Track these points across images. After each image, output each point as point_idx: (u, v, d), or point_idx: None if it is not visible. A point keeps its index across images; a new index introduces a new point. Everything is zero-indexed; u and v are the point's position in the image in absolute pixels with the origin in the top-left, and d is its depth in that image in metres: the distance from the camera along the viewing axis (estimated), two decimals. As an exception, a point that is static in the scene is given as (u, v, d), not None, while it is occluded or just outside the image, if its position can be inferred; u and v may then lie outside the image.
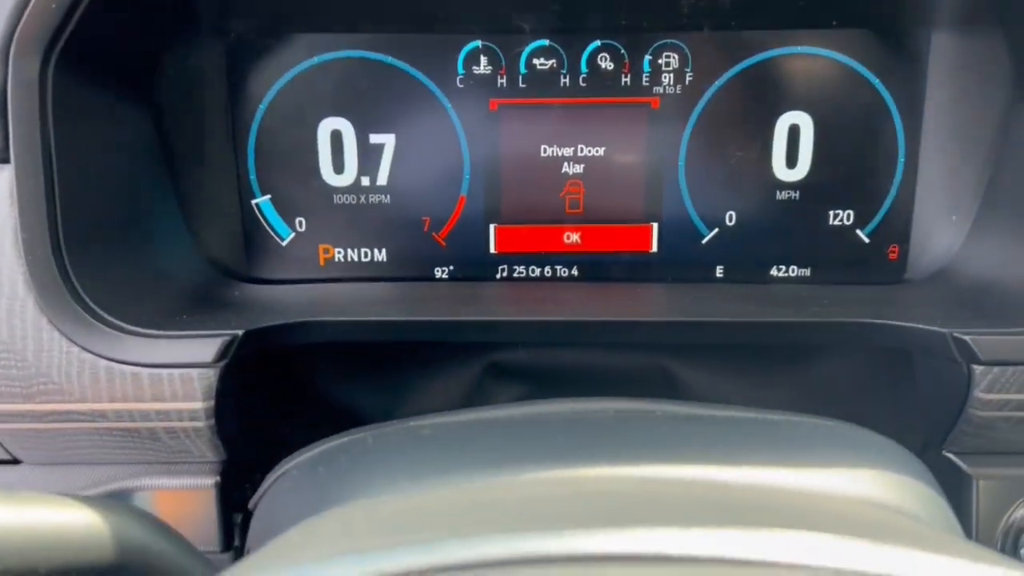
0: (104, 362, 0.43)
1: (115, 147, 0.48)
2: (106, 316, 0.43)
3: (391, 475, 0.34)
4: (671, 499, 0.29)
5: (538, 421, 0.38)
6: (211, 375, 0.43)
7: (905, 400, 0.51)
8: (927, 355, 0.48)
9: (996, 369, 0.43)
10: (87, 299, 0.43)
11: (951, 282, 0.53)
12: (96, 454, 0.45)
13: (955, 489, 0.46)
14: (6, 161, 0.42)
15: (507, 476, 0.33)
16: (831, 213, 0.57)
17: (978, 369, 0.43)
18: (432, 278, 0.58)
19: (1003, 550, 0.46)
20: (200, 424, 0.44)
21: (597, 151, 0.56)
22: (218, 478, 0.46)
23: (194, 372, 0.43)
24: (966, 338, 0.43)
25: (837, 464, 0.35)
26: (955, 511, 0.40)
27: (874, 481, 0.35)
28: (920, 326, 0.46)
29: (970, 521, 0.46)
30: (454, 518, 0.27)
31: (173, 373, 0.43)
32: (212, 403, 0.43)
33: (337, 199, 0.57)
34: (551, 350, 0.58)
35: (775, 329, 0.50)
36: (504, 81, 0.55)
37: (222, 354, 0.43)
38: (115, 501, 0.35)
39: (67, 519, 0.33)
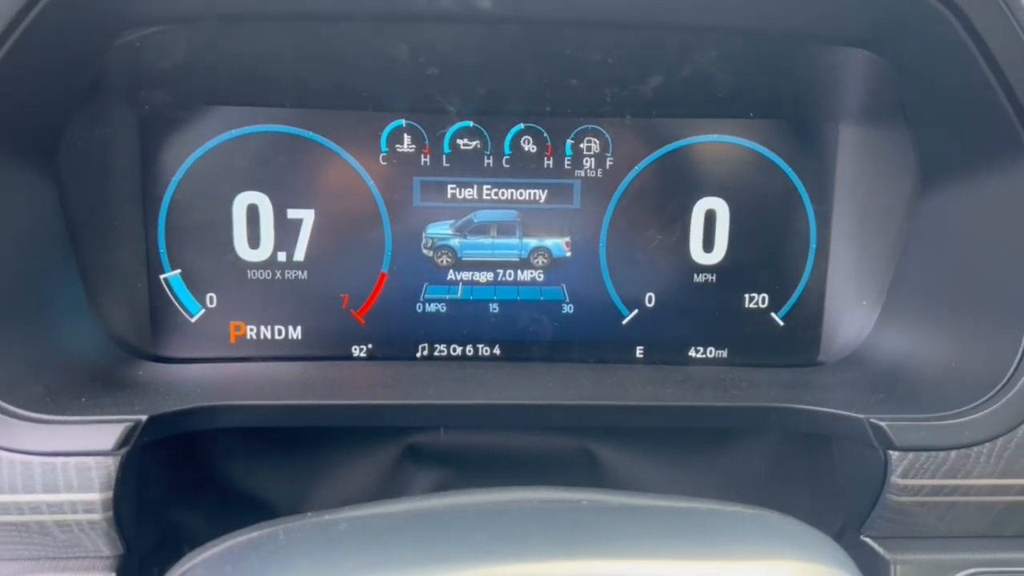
0: (-8, 451, 0.40)
1: (15, 219, 0.45)
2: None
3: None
4: None
5: (460, 513, 0.37)
6: (110, 463, 0.40)
7: (824, 484, 0.52)
8: (845, 440, 0.49)
9: (911, 455, 0.44)
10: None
11: (863, 365, 0.54)
12: (-22, 550, 0.41)
13: (873, 574, 0.47)
14: None
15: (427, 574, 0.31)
16: (747, 296, 0.58)
17: (894, 455, 0.44)
18: (349, 357, 0.57)
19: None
20: (96, 516, 0.41)
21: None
22: (114, 574, 0.43)
23: (91, 460, 0.40)
24: (882, 424, 0.44)
25: (760, 553, 0.35)
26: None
27: (796, 570, 0.34)
28: (838, 411, 0.47)
29: (889, 606, 0.46)
30: None
31: (68, 462, 0.40)
32: (110, 494, 0.40)
33: (251, 274, 0.55)
34: (471, 433, 0.57)
35: (695, 412, 0.50)
36: (428, 160, 0.55)
37: (123, 441, 0.41)
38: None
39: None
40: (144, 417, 0.42)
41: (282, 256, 0.55)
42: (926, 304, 0.51)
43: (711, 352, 0.59)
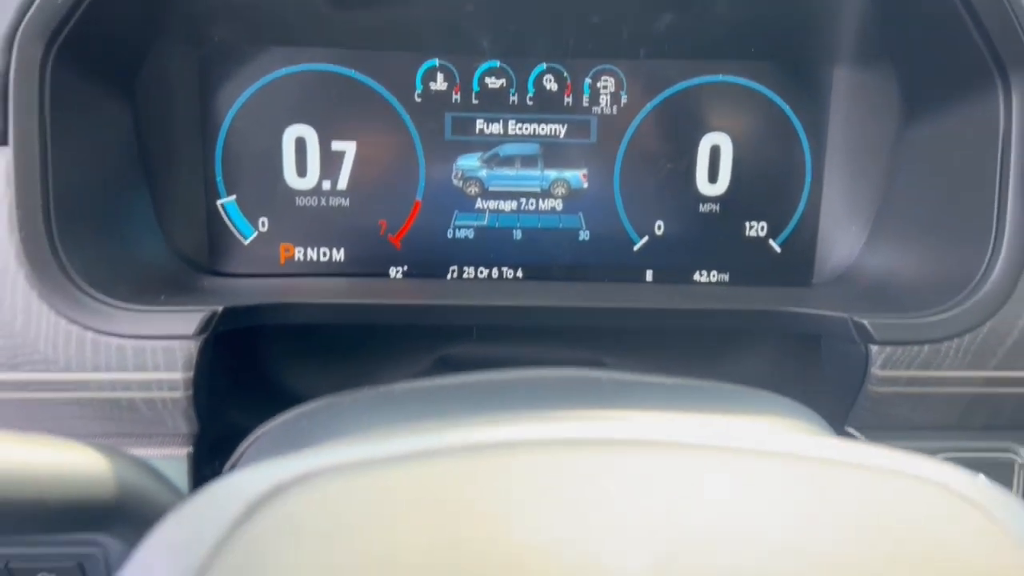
0: (91, 334, 0.46)
1: (101, 139, 0.51)
2: (93, 291, 0.46)
3: (373, 423, 0.38)
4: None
5: (493, 383, 0.43)
6: (191, 347, 0.46)
7: (812, 384, 0.58)
8: (831, 340, 0.54)
9: (889, 348, 0.50)
10: (75, 275, 0.46)
11: (852, 283, 0.60)
12: (72, 426, 0.47)
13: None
14: (4, 144, 0.45)
15: (472, 414, 0.37)
16: (747, 224, 0.64)
17: (874, 348, 0.50)
18: (387, 277, 0.63)
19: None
20: (178, 394, 0.47)
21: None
22: (191, 449, 0.49)
23: (176, 344, 0.46)
24: (864, 321, 0.50)
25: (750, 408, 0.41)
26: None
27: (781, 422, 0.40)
28: (825, 312, 0.53)
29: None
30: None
31: (156, 345, 0.46)
32: (191, 374, 0.47)
33: (299, 201, 0.61)
34: (497, 347, 0.63)
35: (697, 316, 0.56)
36: (458, 97, 0.61)
37: (203, 328, 0.47)
38: (110, 447, 0.38)
39: (70, 458, 0.36)
40: (220, 308, 0.48)
41: (327, 184, 0.61)
42: (908, 226, 0.57)
43: (714, 276, 0.64)
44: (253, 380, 0.60)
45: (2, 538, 0.40)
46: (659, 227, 0.64)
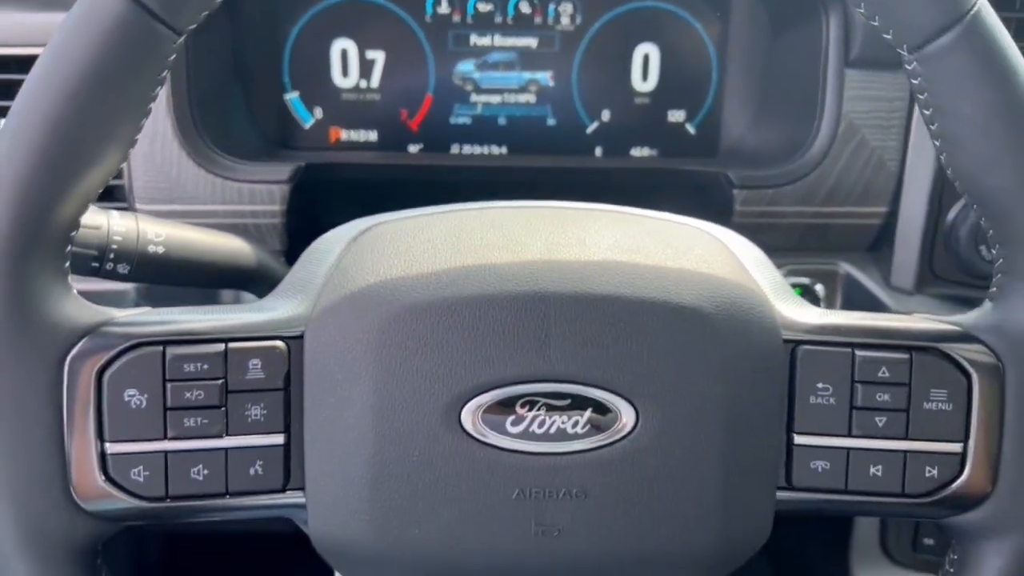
0: (221, 180, 0.70)
1: (215, 49, 0.75)
2: (220, 152, 0.71)
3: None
4: None
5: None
6: (285, 189, 0.71)
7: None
8: (711, 188, 0.79)
9: (746, 191, 0.74)
10: (208, 141, 0.71)
11: (739, 151, 0.84)
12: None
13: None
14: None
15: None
16: (670, 112, 0.87)
17: (735, 191, 0.74)
18: (407, 152, 0.87)
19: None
20: (276, 221, 0.72)
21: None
22: (283, 258, 0.74)
23: (275, 187, 0.71)
24: (729, 173, 0.74)
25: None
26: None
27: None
28: (708, 169, 0.77)
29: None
30: None
31: (262, 187, 0.71)
32: (285, 207, 0.71)
33: (343, 96, 0.85)
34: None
35: (627, 172, 0.80)
36: (458, 18, 0.84)
37: (292, 176, 0.72)
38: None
39: (232, 242, 0.61)
40: (303, 163, 0.73)
41: (363, 83, 0.85)
42: (771, 110, 0.81)
43: (646, 151, 0.88)
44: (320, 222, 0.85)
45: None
46: (605, 115, 0.87)
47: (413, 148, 0.87)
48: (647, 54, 0.85)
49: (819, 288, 0.77)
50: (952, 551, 0.50)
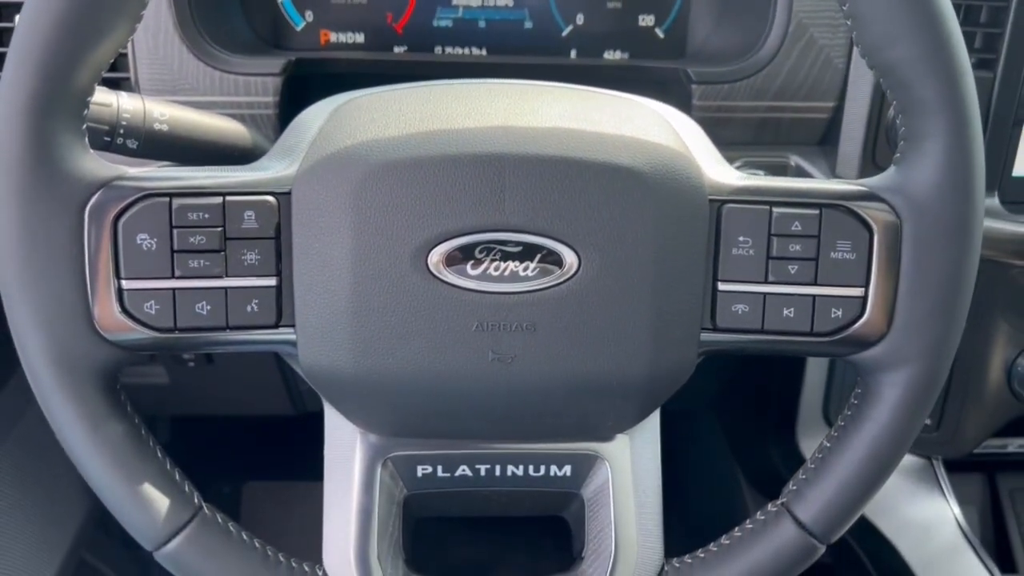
0: (219, 72, 0.76)
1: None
2: (218, 47, 0.77)
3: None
4: None
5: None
6: (278, 82, 0.77)
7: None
8: (675, 83, 0.85)
9: (703, 87, 0.80)
10: (207, 36, 0.77)
11: (701, 52, 0.90)
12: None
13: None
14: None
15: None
16: (640, 17, 0.92)
17: (694, 87, 0.80)
18: (392, 52, 0.93)
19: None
20: (270, 112, 0.78)
21: (497, -28, 0.91)
22: None
23: (269, 79, 0.77)
24: (688, 69, 0.80)
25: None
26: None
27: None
28: (669, 65, 0.83)
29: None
30: None
31: (257, 79, 0.77)
32: (277, 98, 0.78)
33: (332, 0, 0.91)
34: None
35: (601, 69, 0.86)
36: (440, -75, 0.89)
37: (284, 69, 0.78)
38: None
39: (230, 123, 0.68)
40: (294, 56, 0.79)
41: (352, -11, 0.90)
42: (730, 14, 0.86)
43: (618, 54, 0.94)
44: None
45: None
46: (579, 19, 0.92)
47: (398, 49, 0.93)
48: None
49: (772, 179, 0.83)
50: (857, 386, 0.58)
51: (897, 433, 0.55)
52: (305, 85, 0.82)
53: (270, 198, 0.52)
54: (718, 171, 0.55)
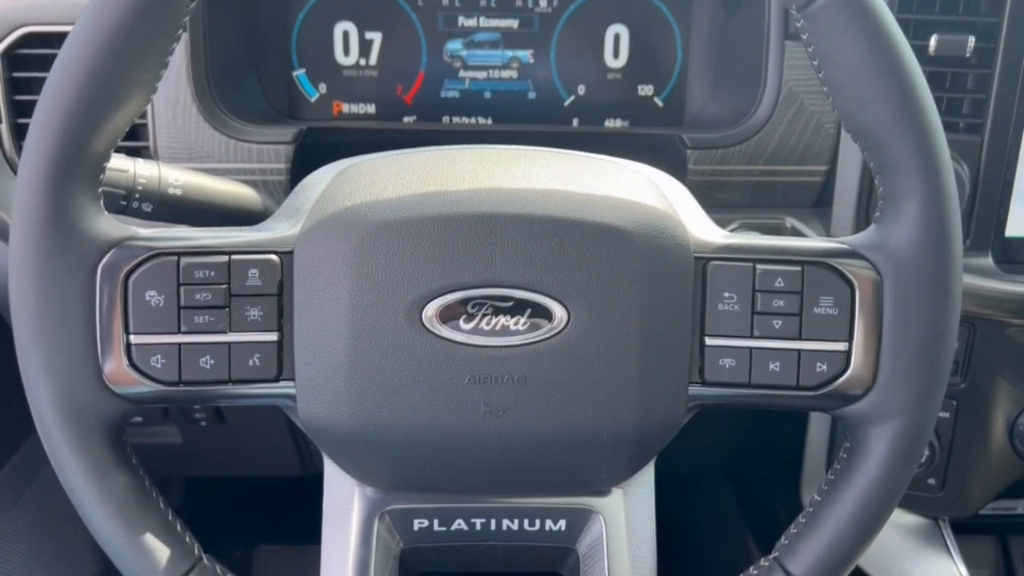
0: (233, 141, 0.80)
1: (229, 29, 0.85)
2: (233, 117, 0.81)
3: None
4: None
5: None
6: (290, 149, 0.81)
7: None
8: (671, 150, 0.87)
9: (698, 152, 0.83)
10: (222, 107, 0.81)
11: (699, 119, 0.93)
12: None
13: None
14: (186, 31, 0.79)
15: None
16: (639, 87, 0.96)
17: (689, 152, 0.83)
18: (402, 122, 0.97)
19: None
20: (282, 178, 0.81)
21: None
22: None
23: (281, 147, 0.81)
24: (684, 136, 0.83)
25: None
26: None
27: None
28: (665, 132, 0.86)
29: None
30: None
31: (270, 147, 0.81)
32: (289, 165, 0.81)
33: (345, 72, 0.95)
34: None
35: (602, 136, 0.89)
36: (448, 2, 0.93)
37: (295, 137, 0.81)
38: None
39: (243, 189, 0.71)
40: (306, 126, 0.82)
41: (363, 61, 0.94)
42: (726, 81, 0.89)
43: (618, 123, 0.97)
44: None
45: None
46: (581, 89, 0.96)
47: (408, 119, 0.96)
48: (617, 34, 0.94)
49: (769, 242, 0.85)
50: (846, 440, 0.58)
51: (886, 486, 0.56)
52: (316, 152, 0.85)
53: (273, 257, 0.54)
54: (703, 230, 0.57)
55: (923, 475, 0.86)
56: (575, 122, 0.97)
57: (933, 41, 0.78)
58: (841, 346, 0.55)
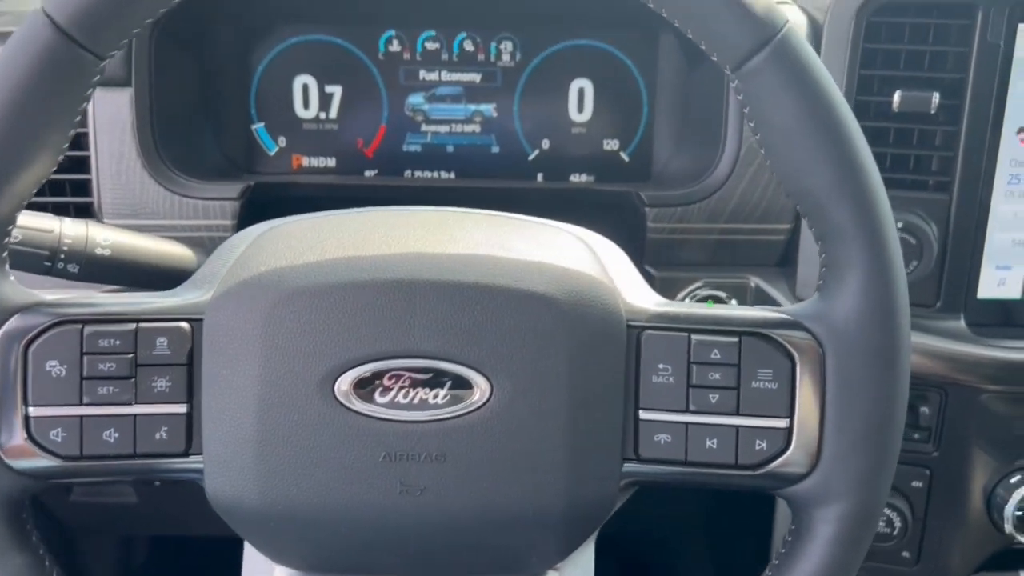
0: (179, 198, 0.78)
1: (182, 83, 0.84)
2: (180, 173, 0.79)
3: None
4: None
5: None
6: (236, 205, 0.79)
7: (633, 237, 0.88)
8: (631, 207, 0.85)
9: (657, 209, 0.80)
10: (169, 163, 0.79)
11: (667, 175, 0.91)
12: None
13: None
14: (129, 85, 0.77)
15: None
16: (605, 141, 0.94)
17: (647, 210, 0.80)
18: (363, 176, 0.95)
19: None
20: (228, 235, 0.79)
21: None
22: None
23: (227, 203, 0.79)
24: (642, 193, 0.81)
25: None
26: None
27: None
28: (625, 189, 0.84)
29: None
30: None
31: (215, 204, 0.79)
32: (236, 222, 0.79)
33: (304, 126, 0.93)
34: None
35: (562, 192, 0.87)
36: (408, 56, 0.92)
37: (242, 193, 0.79)
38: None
39: (177, 248, 0.69)
40: (252, 182, 0.81)
41: (323, 115, 0.93)
42: (687, 138, 0.87)
43: (584, 177, 0.95)
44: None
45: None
46: (545, 143, 0.94)
47: (369, 173, 0.95)
48: (582, 88, 0.92)
49: (733, 302, 0.83)
50: (792, 522, 0.55)
51: (833, 571, 0.52)
52: (267, 208, 0.84)
53: (184, 324, 0.52)
54: (638, 297, 0.55)
55: (897, 548, 0.82)
56: (540, 177, 0.95)
57: (897, 97, 0.76)
58: (781, 423, 0.52)
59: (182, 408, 0.52)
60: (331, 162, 0.94)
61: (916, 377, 0.79)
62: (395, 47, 0.91)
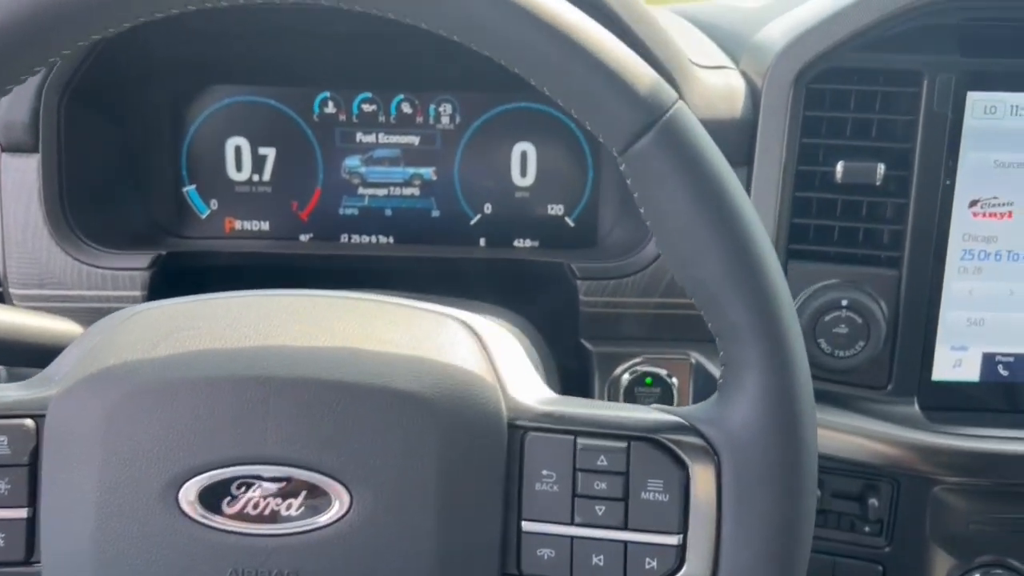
0: (87, 267, 0.75)
1: (98, 148, 0.81)
2: (89, 241, 0.76)
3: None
4: None
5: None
6: (146, 275, 0.76)
7: (557, 310, 0.83)
8: (565, 281, 0.81)
9: (589, 282, 0.76)
10: (78, 230, 0.76)
11: (609, 242, 0.87)
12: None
13: (586, 361, 0.79)
14: (36, 151, 0.75)
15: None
16: (549, 206, 0.90)
17: (579, 282, 0.76)
18: (297, 240, 0.91)
19: (612, 399, 0.78)
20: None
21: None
22: None
23: (137, 274, 0.75)
24: (573, 265, 0.77)
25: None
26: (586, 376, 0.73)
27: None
28: (554, 260, 0.80)
29: (592, 381, 0.78)
30: None
31: (125, 274, 0.75)
32: (145, 293, 0.76)
33: (237, 188, 0.90)
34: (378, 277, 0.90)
35: (501, 261, 0.83)
36: (344, 117, 0.89)
37: (152, 263, 0.76)
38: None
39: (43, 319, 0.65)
40: (164, 252, 0.77)
41: (256, 177, 0.90)
42: (632, 203, 0.83)
43: (528, 243, 0.91)
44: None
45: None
46: (487, 208, 0.90)
47: (304, 237, 0.91)
48: (524, 151, 0.89)
49: (674, 380, 0.78)
50: None
51: None
52: (183, 277, 0.80)
53: (28, 421, 0.48)
54: (525, 394, 0.50)
55: (849, 653, 0.76)
56: (482, 241, 0.91)
57: (840, 168, 0.72)
58: (673, 539, 0.47)
59: (23, 513, 0.48)
60: (265, 225, 0.91)
61: (866, 466, 0.74)
62: (330, 108, 0.88)
